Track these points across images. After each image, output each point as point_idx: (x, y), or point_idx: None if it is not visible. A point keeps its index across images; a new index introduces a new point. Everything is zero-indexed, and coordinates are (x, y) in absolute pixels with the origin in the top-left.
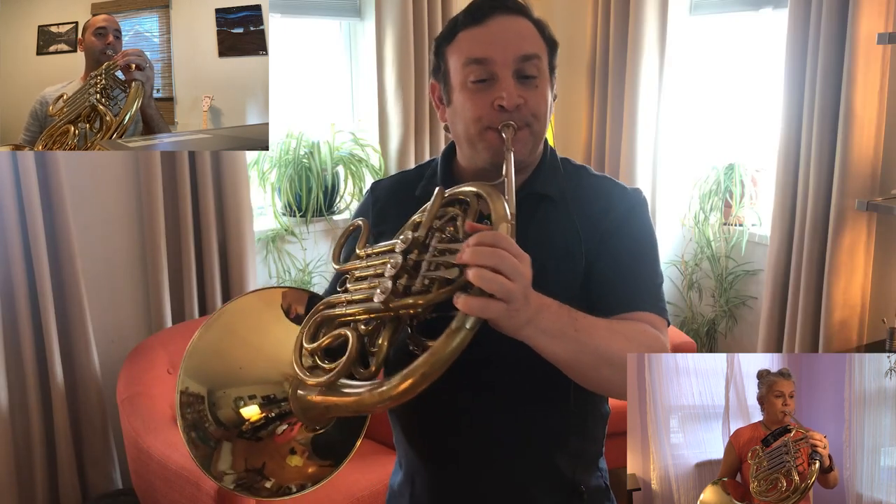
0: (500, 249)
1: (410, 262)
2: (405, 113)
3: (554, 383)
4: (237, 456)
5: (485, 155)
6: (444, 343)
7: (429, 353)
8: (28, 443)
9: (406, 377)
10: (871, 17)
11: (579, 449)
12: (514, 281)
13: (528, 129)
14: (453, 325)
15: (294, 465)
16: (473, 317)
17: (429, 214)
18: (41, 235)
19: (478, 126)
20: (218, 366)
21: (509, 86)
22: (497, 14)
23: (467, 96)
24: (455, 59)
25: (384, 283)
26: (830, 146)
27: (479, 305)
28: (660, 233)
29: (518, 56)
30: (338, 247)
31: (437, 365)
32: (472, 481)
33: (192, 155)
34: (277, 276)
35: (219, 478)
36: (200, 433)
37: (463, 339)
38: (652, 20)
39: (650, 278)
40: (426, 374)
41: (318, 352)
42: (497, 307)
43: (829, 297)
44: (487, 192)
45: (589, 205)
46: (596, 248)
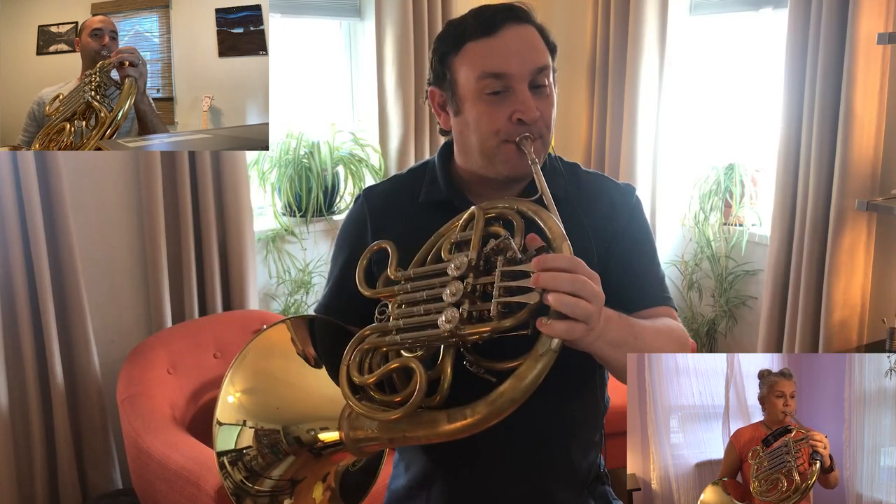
0: (577, 274)
1: (469, 287)
2: (405, 113)
3: (574, 377)
4: (293, 466)
5: (502, 168)
6: (529, 368)
7: (514, 379)
8: (28, 443)
9: (491, 404)
10: (871, 17)
11: (589, 438)
12: (593, 303)
13: (540, 140)
14: (539, 351)
15: (314, 497)
16: (557, 339)
17: (476, 236)
18: (41, 235)
19: (495, 139)
20: (258, 402)
21: (527, 98)
22: (508, 24)
23: (482, 110)
24: (467, 71)
25: (451, 312)
26: (830, 146)
27: (565, 329)
28: (660, 233)
29: (534, 69)
30: (361, 269)
31: (524, 391)
32: (492, 479)
33: (192, 155)
34: (277, 275)
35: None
36: (274, 449)
37: (547, 362)
38: (652, 20)
39: (656, 273)
40: (514, 399)
41: (370, 384)
42: (580, 329)
43: (829, 297)
44: (534, 210)
45: (592, 204)
46: (606, 249)
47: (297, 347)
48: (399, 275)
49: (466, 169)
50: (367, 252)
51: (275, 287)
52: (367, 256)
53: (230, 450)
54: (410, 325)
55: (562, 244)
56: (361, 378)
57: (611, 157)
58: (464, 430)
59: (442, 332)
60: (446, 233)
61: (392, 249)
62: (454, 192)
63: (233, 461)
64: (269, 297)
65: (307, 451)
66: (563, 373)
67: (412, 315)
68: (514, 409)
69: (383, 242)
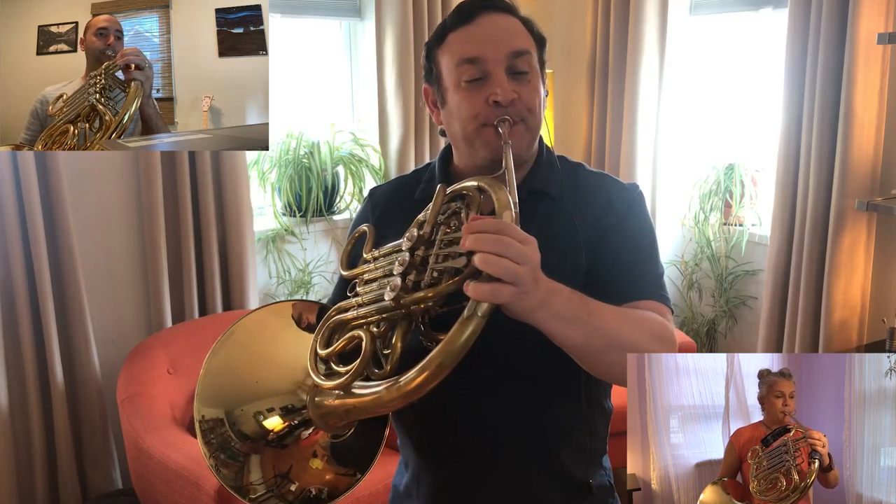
0: (504, 235)
1: (418, 259)
2: (405, 113)
3: (561, 379)
4: (266, 464)
5: (483, 152)
6: (457, 332)
7: (443, 344)
8: (28, 443)
9: (422, 370)
10: (871, 17)
11: (584, 445)
12: (522, 264)
13: (523, 124)
14: (465, 314)
15: (315, 468)
16: (485, 303)
17: (432, 211)
18: (41, 235)
19: (474, 124)
20: (233, 384)
21: (503, 81)
22: (485, 12)
23: (462, 96)
24: (447, 60)
25: (393, 281)
26: (830, 146)
27: (489, 290)
28: (660, 233)
29: (509, 52)
30: (344, 254)
31: (452, 355)
32: (479, 480)
33: (192, 155)
34: (277, 275)
35: (250, 492)
36: (228, 453)
37: (476, 326)
38: (652, 20)
39: (651, 269)
40: (442, 364)
41: (332, 357)
42: (507, 291)
43: (829, 297)
44: (489, 183)
45: (589, 201)
46: (597, 243)
47: (294, 319)
48: (369, 255)
49: (460, 165)
50: (350, 238)
51: (275, 287)
52: (352, 242)
53: (208, 456)
54: (367, 300)
55: (503, 212)
56: (325, 351)
57: (611, 156)
58: (400, 399)
59: (389, 303)
60: None
61: (370, 231)
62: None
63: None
64: (269, 297)
65: (264, 445)
66: (552, 374)
67: (371, 291)
68: (447, 376)
69: (363, 227)
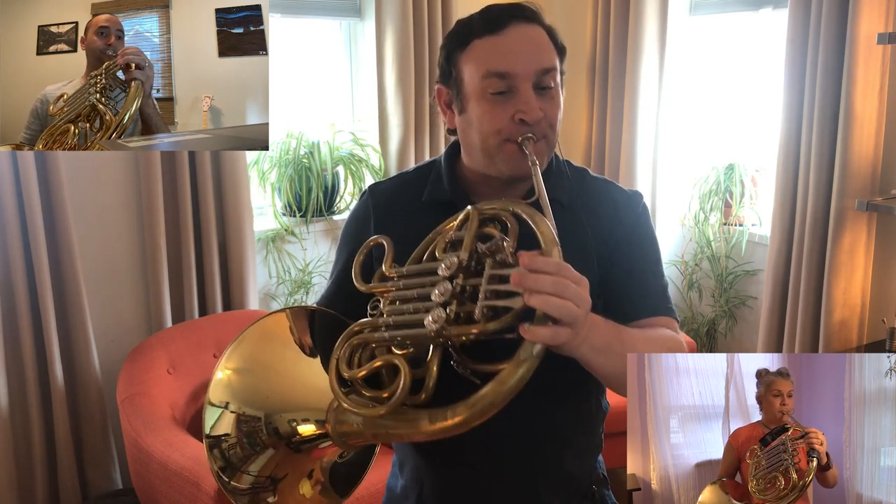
0: (562, 277)
1: (457, 288)
2: (405, 113)
3: (567, 384)
4: (271, 461)
5: (503, 167)
6: (510, 372)
7: (495, 383)
8: (28, 443)
9: (471, 407)
10: (871, 17)
11: (584, 446)
12: (580, 307)
13: (544, 141)
14: (522, 356)
15: (302, 493)
16: (540, 344)
17: (468, 237)
18: (41, 235)
19: (497, 139)
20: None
21: (530, 98)
22: (515, 23)
23: (485, 108)
24: (472, 69)
25: (437, 312)
26: (830, 146)
27: (549, 334)
28: (660, 233)
29: (539, 70)
30: (357, 264)
31: (504, 395)
32: (482, 483)
33: (192, 155)
34: (277, 275)
35: (236, 480)
36: (250, 439)
37: (530, 367)
38: (652, 20)
39: (659, 283)
40: (493, 403)
41: (357, 380)
42: (565, 333)
43: (829, 297)
44: (526, 212)
45: (597, 211)
46: (609, 257)
47: (294, 337)
48: (393, 271)
49: (471, 168)
50: (364, 247)
51: (275, 287)
52: (365, 251)
53: (212, 435)
54: (399, 323)
55: (552, 249)
56: (350, 372)
57: (611, 157)
58: (444, 432)
59: (428, 332)
60: (443, 231)
61: (388, 245)
62: (457, 193)
63: (211, 446)
64: (269, 297)
65: (285, 445)
66: (556, 378)
67: (402, 313)
68: (497, 413)
69: (380, 238)
